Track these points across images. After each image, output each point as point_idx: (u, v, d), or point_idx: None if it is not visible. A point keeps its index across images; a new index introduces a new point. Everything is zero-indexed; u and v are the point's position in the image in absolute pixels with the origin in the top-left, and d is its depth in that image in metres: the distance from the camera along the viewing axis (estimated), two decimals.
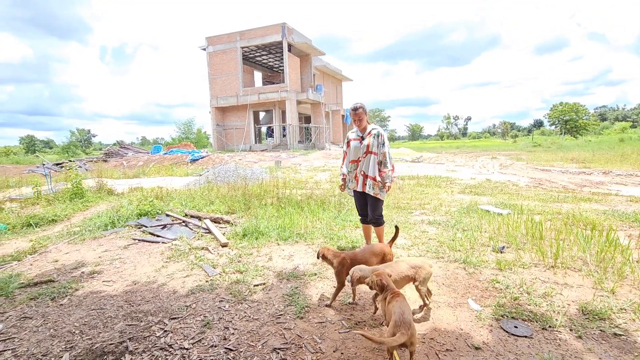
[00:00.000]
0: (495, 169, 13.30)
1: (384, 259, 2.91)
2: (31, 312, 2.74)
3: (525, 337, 2.24)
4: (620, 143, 27.33)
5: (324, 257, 2.85)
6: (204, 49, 30.28)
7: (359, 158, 3.61)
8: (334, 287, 2.83)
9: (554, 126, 61.34)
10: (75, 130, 62.51)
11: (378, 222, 3.69)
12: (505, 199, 6.58)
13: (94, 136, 67.07)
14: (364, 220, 3.83)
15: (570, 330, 2.30)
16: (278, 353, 2.14)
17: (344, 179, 3.80)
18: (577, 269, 3.22)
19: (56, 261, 3.95)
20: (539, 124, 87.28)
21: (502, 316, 2.48)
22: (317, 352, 2.14)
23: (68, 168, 9.53)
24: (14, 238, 5.06)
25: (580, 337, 2.22)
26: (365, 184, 3.59)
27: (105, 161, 23.07)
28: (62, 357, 2.15)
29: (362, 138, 3.59)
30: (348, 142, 3.71)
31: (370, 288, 2.30)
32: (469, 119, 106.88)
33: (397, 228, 3.25)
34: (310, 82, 31.12)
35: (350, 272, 2.48)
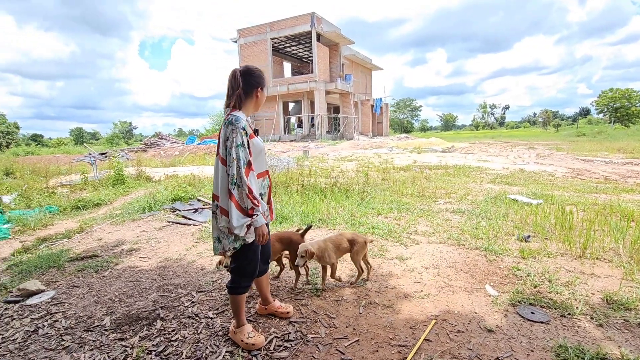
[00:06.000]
0: (531, 159, 12.66)
1: (290, 245, 2.76)
2: (78, 282, 3.07)
3: (542, 322, 2.22)
4: None
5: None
6: (235, 41, 30.88)
7: (267, 169, 2.16)
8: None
9: (602, 114, 56.82)
10: (117, 123, 66.30)
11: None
12: (538, 189, 6.30)
13: (135, 128, 70.74)
14: (263, 271, 2.30)
15: (591, 318, 2.25)
16: (294, 326, 2.27)
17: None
18: (607, 260, 3.09)
19: (100, 239, 4.35)
20: (585, 112, 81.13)
21: (519, 302, 2.46)
22: (330, 327, 2.25)
23: (112, 157, 10.28)
24: (65, 219, 5.58)
25: (600, 325, 2.17)
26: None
27: (145, 151, 24.38)
28: (103, 320, 2.42)
29: (256, 132, 2.07)
30: (248, 140, 1.91)
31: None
32: (506, 107, 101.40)
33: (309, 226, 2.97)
34: (339, 72, 30.89)
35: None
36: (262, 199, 2.04)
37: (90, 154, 15.99)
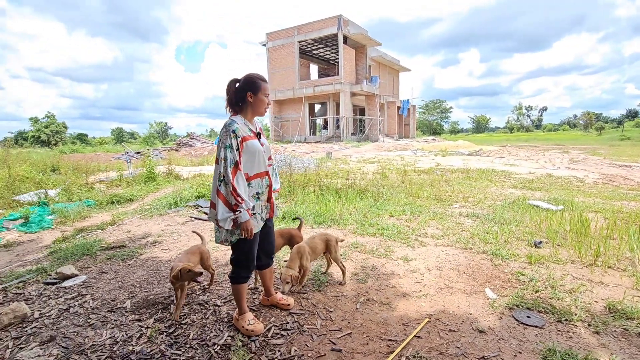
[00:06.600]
0: (562, 164, 12.09)
1: (290, 240, 3.00)
2: (107, 269, 3.40)
3: (536, 327, 2.24)
4: None
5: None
6: (264, 45, 31.62)
7: (266, 170, 2.25)
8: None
9: None
10: (154, 123, 69.53)
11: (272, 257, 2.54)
12: (562, 195, 6.09)
13: (170, 128, 73.67)
14: (266, 265, 2.49)
15: (589, 325, 2.23)
16: (293, 316, 2.43)
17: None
18: (620, 269, 3.01)
19: (129, 231, 4.73)
20: (633, 115, 75.41)
21: (516, 306, 2.47)
22: (326, 320, 2.39)
23: (145, 156, 10.98)
24: (100, 212, 6.08)
25: (597, 332, 2.16)
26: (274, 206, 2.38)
27: (177, 150, 25.56)
28: (125, 303, 2.70)
29: (259, 135, 2.23)
30: (241, 141, 2.06)
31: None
32: (544, 109, 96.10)
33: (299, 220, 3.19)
34: (365, 74, 30.82)
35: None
36: (259, 198, 2.21)
37: (126, 153, 17.04)
